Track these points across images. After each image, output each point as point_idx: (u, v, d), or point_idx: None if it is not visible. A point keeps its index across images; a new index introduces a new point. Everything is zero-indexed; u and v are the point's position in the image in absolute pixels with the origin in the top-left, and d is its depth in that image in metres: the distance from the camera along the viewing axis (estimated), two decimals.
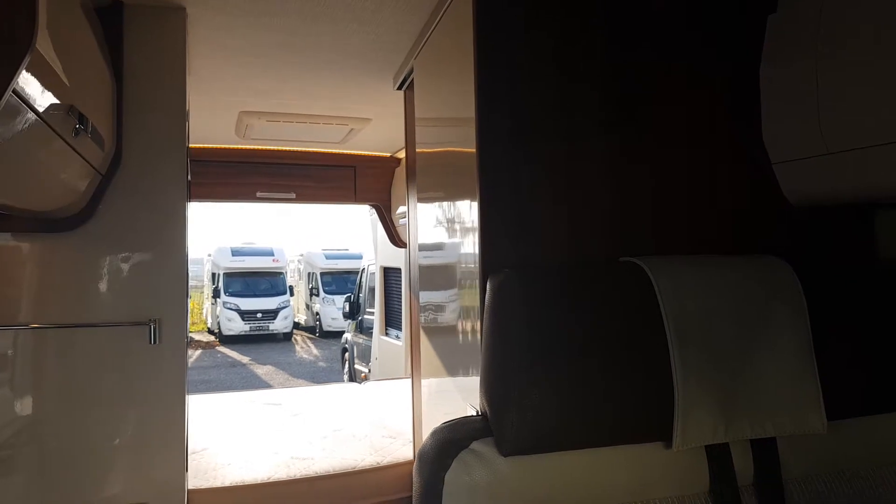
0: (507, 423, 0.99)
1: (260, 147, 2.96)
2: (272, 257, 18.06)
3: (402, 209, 3.20)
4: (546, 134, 1.21)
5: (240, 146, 2.94)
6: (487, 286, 1.08)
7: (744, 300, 1.10)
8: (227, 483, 1.90)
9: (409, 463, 2.05)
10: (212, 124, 2.56)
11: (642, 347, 1.05)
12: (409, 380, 3.65)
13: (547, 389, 1.00)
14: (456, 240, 1.38)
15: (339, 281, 17.90)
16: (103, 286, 1.38)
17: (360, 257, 17.03)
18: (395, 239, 3.38)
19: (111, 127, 1.26)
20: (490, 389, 1.03)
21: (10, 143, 0.74)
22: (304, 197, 3.07)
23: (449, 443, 1.01)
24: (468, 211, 1.27)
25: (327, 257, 19.06)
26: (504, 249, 1.18)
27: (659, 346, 1.05)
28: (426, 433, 1.85)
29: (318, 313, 18.08)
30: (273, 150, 2.99)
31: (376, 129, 2.65)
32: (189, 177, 1.49)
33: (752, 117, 1.28)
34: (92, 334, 1.37)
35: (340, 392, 3.34)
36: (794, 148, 1.22)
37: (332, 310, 17.31)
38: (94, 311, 1.38)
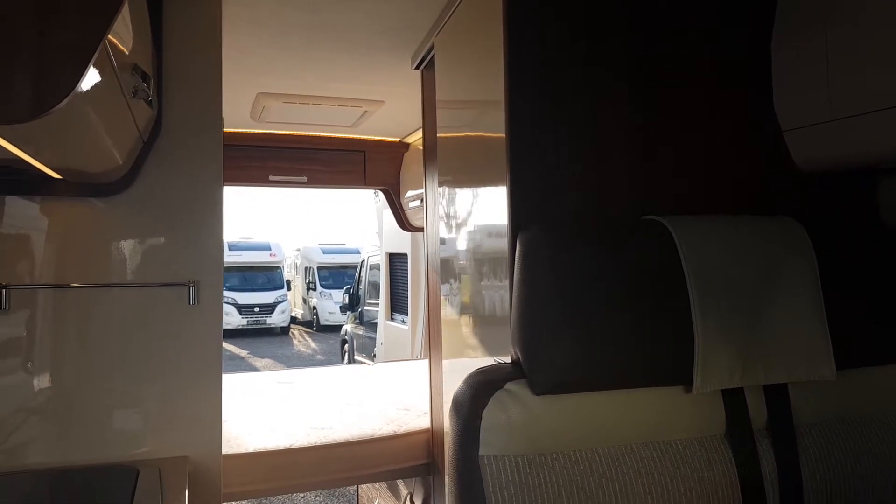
0: (539, 366, 1.06)
1: (273, 132, 3.02)
2: (269, 252, 18.08)
3: (411, 193, 3.26)
4: (572, 106, 1.27)
5: (253, 130, 3.00)
6: (518, 242, 1.14)
7: (760, 256, 1.17)
8: (250, 450, 1.96)
9: (425, 432, 2.12)
10: (228, 107, 2.60)
11: (665, 297, 1.12)
12: (416, 361, 3.74)
13: (575, 335, 1.07)
14: (484, 218, 1.42)
15: (336, 275, 17.93)
16: (144, 249, 1.44)
17: (356, 252, 17.08)
18: (405, 223, 3.44)
19: (155, 94, 1.32)
20: (523, 336, 1.09)
21: (84, 98, 0.80)
22: (315, 181, 3.13)
23: (485, 384, 1.07)
24: (496, 188, 1.32)
25: (324, 252, 19.08)
26: (533, 210, 1.25)
27: (680, 296, 1.12)
28: (446, 404, 1.91)
29: (315, 307, 18.11)
30: (286, 135, 3.05)
31: (388, 112, 2.71)
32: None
33: (765, 88, 1.35)
34: (133, 294, 1.43)
35: (350, 372, 3.41)
36: (804, 115, 1.29)
37: (330, 304, 17.34)
38: (134, 272, 1.44)
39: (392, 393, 2.68)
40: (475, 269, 1.50)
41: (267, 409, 2.44)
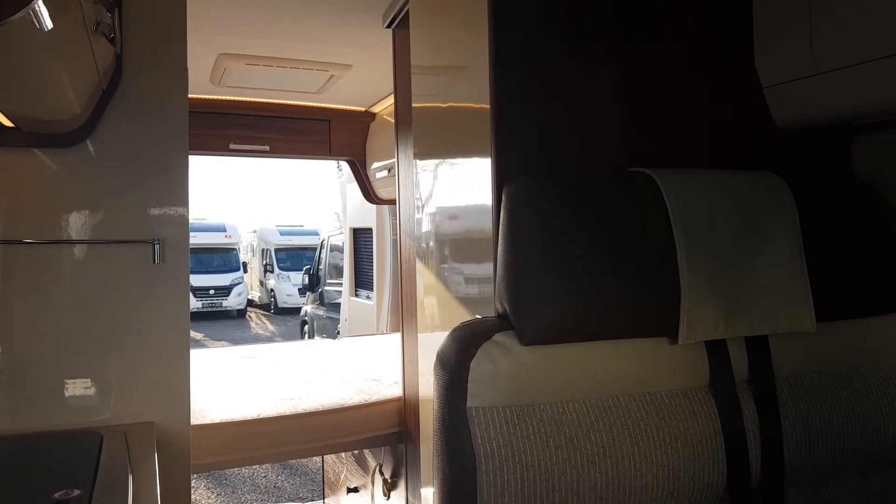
0: (527, 316, 1.04)
1: (234, 98, 2.91)
2: (224, 233, 17.72)
3: (377, 164, 3.20)
4: (557, 63, 1.25)
5: (214, 97, 2.90)
6: (503, 195, 1.11)
7: (743, 209, 1.17)
8: (216, 421, 1.90)
9: (397, 400, 2.09)
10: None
11: (651, 249, 1.11)
12: (383, 335, 3.70)
13: (563, 285, 1.05)
14: (465, 184, 1.39)
15: (294, 257, 17.70)
16: (104, 204, 1.36)
17: (315, 233, 16.89)
18: (372, 195, 3.38)
19: (118, 34, 1.24)
20: (509, 287, 1.07)
21: (44, 33, 0.73)
22: (278, 150, 3.05)
23: (472, 336, 1.05)
24: (478, 156, 1.29)
25: (282, 233, 18.81)
26: (517, 165, 1.22)
27: (667, 247, 1.11)
28: (422, 374, 1.89)
29: (272, 290, 17.87)
30: (248, 102, 2.95)
31: (355, 78, 2.64)
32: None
33: (746, 44, 1.35)
34: (93, 252, 1.35)
35: (315, 346, 3.35)
36: (785, 70, 1.29)
37: (288, 286, 17.14)
38: (94, 229, 1.36)
39: (361, 365, 2.64)
40: (454, 236, 1.48)
41: (232, 382, 2.38)
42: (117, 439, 1.21)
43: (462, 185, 1.41)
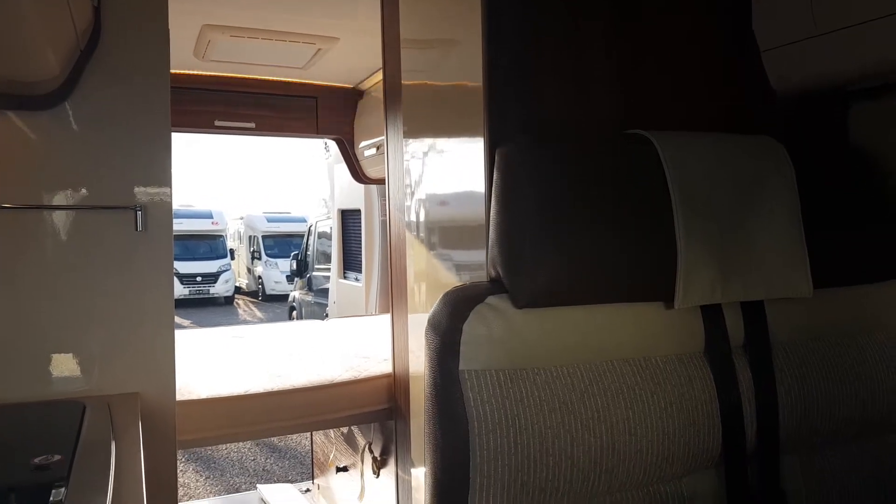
0: (521, 278, 1.02)
1: (219, 73, 2.85)
2: (211, 220, 17.59)
3: (365, 143, 3.16)
4: (553, 24, 1.22)
5: (198, 72, 2.84)
6: (496, 157, 1.09)
7: (741, 173, 1.16)
8: (203, 396, 1.87)
9: (387, 376, 2.07)
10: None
11: (648, 212, 1.09)
12: (371, 316, 3.68)
13: (558, 247, 1.03)
14: (458, 166, 1.36)
15: (282, 244, 17.61)
16: (83, 169, 1.32)
17: (302, 220, 16.78)
18: (360, 174, 3.34)
19: None
20: (503, 248, 1.04)
21: None
22: (264, 127, 2.99)
23: (465, 299, 1.02)
24: (471, 137, 1.26)
25: (269, 220, 18.70)
26: (511, 127, 1.19)
27: (663, 211, 1.09)
28: (412, 352, 1.86)
29: (260, 277, 17.78)
30: (233, 78, 2.89)
31: (342, 52, 2.59)
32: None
33: (745, 7, 1.33)
34: (72, 218, 1.31)
35: (304, 327, 3.32)
36: (784, 32, 1.27)
37: (276, 273, 17.07)
38: (73, 195, 1.31)
39: (350, 344, 2.62)
40: (445, 220, 1.45)
41: (220, 359, 2.35)
42: (100, 409, 1.18)
43: (454, 164, 1.37)
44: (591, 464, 1.01)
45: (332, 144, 4.21)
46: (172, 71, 1.45)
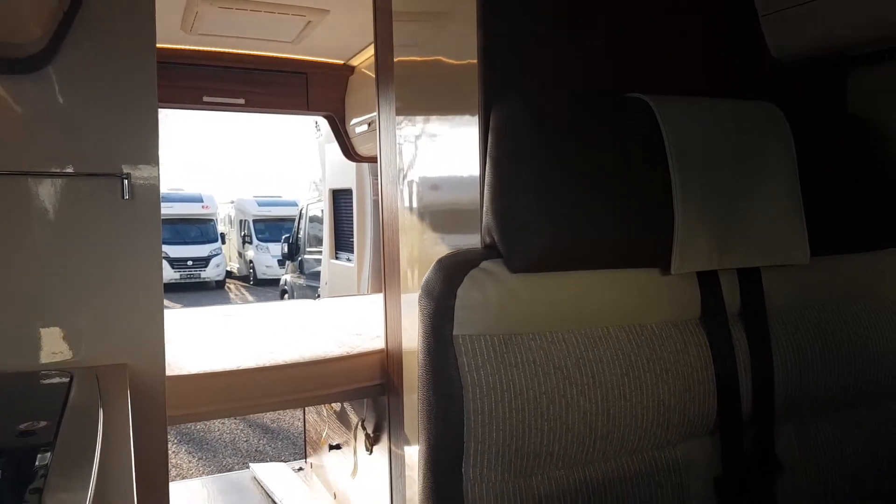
0: (516, 242, 1.00)
1: (207, 48, 2.81)
2: (201, 204, 17.46)
3: (356, 120, 3.13)
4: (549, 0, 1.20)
5: (185, 46, 2.79)
6: (491, 118, 1.06)
7: (740, 138, 1.14)
8: (193, 372, 1.85)
9: (379, 352, 2.06)
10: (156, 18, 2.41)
11: (645, 176, 1.07)
12: (363, 296, 3.66)
13: (553, 212, 1.01)
14: (452, 145, 1.33)
15: (273, 228, 17.53)
16: (65, 135, 1.28)
17: (294, 204, 16.69)
18: (351, 152, 3.30)
19: None
20: (498, 213, 1.03)
21: None
22: (253, 104, 2.95)
23: (459, 264, 1.01)
24: (465, 115, 1.23)
25: (260, 204, 18.60)
26: (506, 89, 1.17)
27: (661, 176, 1.07)
28: (405, 329, 1.85)
29: (251, 261, 17.72)
30: (222, 53, 2.84)
31: (332, 26, 2.55)
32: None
33: None
34: (55, 185, 1.28)
35: (296, 306, 3.31)
36: None
37: (267, 257, 17.01)
38: (56, 160, 1.28)
39: (342, 321, 2.60)
40: (438, 194, 1.43)
41: (210, 337, 2.33)
42: (88, 378, 1.16)
43: (447, 141, 1.35)
44: (586, 429, 1.00)
45: (323, 124, 4.17)
46: (159, 45, 1.41)
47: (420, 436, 1.01)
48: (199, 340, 2.23)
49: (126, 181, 1.30)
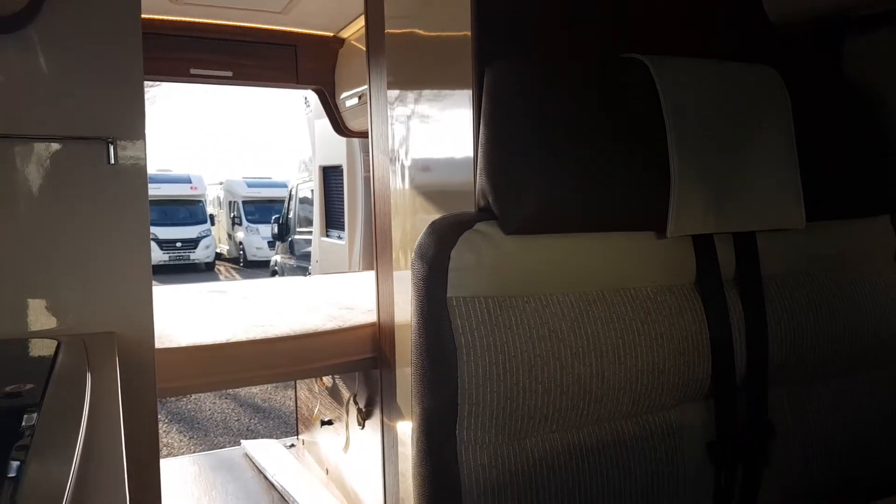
0: (510, 203, 0.99)
1: (194, 19, 2.75)
2: (190, 184, 17.31)
3: (347, 93, 3.09)
4: None
5: (172, 17, 2.73)
6: (485, 78, 1.04)
7: (738, 100, 1.13)
8: (184, 344, 1.83)
9: (371, 326, 2.04)
10: None
11: (641, 138, 1.06)
12: (355, 273, 3.64)
13: (548, 172, 1.00)
14: (446, 119, 1.30)
15: (263, 210, 17.42)
16: (48, 97, 1.25)
17: (283, 185, 16.60)
18: (341, 127, 3.27)
19: None
20: (492, 173, 1.01)
21: None
22: (242, 76, 2.90)
23: (453, 226, 0.99)
24: (459, 90, 1.21)
25: (249, 185, 18.47)
26: (500, 49, 1.15)
27: (658, 138, 1.06)
28: (398, 304, 1.83)
29: (241, 243, 17.62)
30: (209, 24, 2.79)
31: None
32: None
33: None
34: (38, 149, 1.25)
35: (287, 282, 3.29)
36: None
37: (257, 239, 16.93)
38: (39, 123, 1.25)
39: (333, 297, 2.59)
40: (431, 174, 1.40)
41: (201, 311, 2.31)
42: (76, 345, 1.14)
43: (441, 116, 1.32)
44: (580, 392, 0.99)
45: (313, 99, 4.12)
46: (145, 16, 1.38)
47: (413, 400, 1.00)
48: (189, 314, 2.21)
49: (112, 146, 1.27)
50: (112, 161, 1.27)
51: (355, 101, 2.95)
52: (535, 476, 0.97)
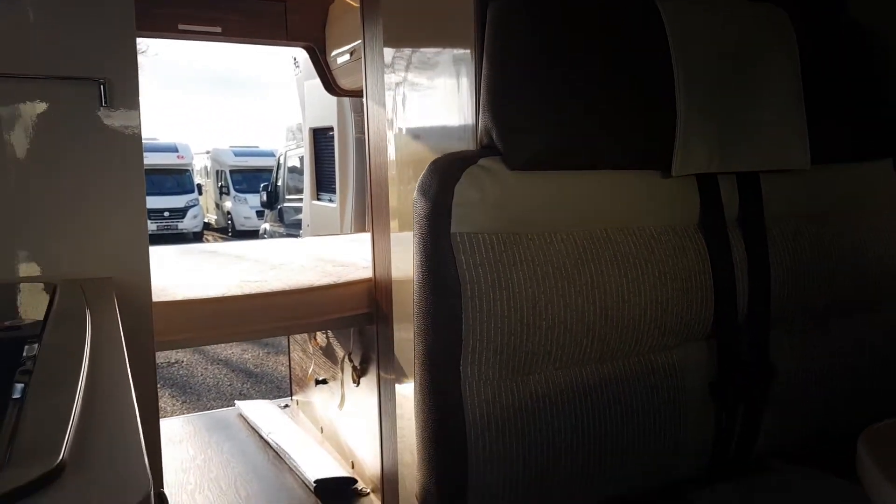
0: (514, 138, 0.97)
1: None
2: (176, 153, 17.05)
3: (338, 50, 3.03)
4: None
5: None
6: (488, 15, 1.02)
7: (745, 40, 1.11)
8: (180, 297, 1.82)
9: (367, 281, 2.03)
10: None
11: (648, 78, 1.05)
12: (347, 235, 3.62)
13: (553, 108, 0.99)
14: (447, 79, 1.26)
15: (250, 179, 17.22)
16: (36, 35, 1.21)
17: (271, 154, 16.39)
18: (333, 85, 3.21)
19: None
20: (495, 108, 0.99)
21: None
22: (230, 32, 2.84)
23: (456, 161, 0.98)
24: (460, 49, 1.17)
25: (236, 154, 18.23)
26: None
27: (664, 77, 1.04)
28: (394, 262, 1.81)
29: (229, 212, 17.47)
30: None
31: None
32: None
33: None
34: (28, 88, 1.21)
35: (280, 243, 3.26)
36: None
37: (245, 208, 16.78)
38: (28, 63, 1.21)
39: (327, 254, 2.57)
40: (431, 121, 1.37)
41: (195, 268, 2.29)
42: (73, 288, 1.12)
43: (441, 74, 1.28)
44: (584, 330, 0.99)
45: (303, 59, 4.04)
46: None
47: (416, 336, 1.00)
48: (184, 270, 2.19)
49: (104, 87, 1.24)
50: (104, 103, 1.24)
51: (347, 57, 2.89)
52: (539, 411, 0.98)
